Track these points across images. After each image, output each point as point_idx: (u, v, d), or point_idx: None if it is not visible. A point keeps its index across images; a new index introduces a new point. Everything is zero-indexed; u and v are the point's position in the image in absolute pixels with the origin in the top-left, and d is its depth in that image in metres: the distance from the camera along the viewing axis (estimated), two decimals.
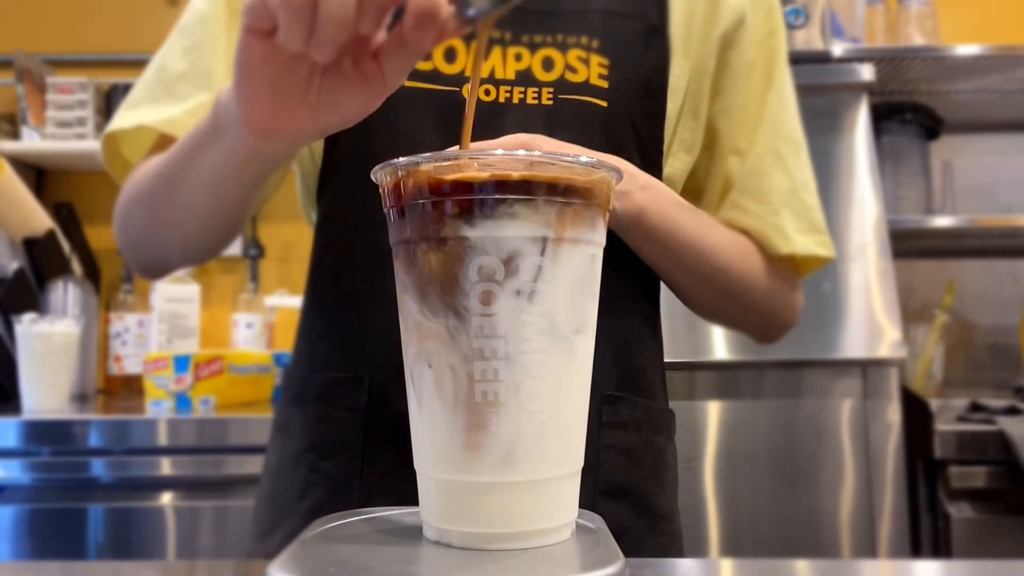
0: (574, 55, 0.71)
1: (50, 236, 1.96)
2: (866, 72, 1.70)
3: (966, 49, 1.81)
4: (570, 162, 0.40)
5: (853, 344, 1.56)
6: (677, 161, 0.77)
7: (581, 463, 0.44)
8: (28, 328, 1.64)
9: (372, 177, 0.44)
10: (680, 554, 0.77)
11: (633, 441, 0.72)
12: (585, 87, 0.70)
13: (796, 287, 0.82)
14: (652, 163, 0.73)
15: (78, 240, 2.14)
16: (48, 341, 1.65)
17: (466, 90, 0.70)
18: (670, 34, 0.75)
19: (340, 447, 0.69)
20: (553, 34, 0.72)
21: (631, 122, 0.72)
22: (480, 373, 0.40)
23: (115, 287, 2.13)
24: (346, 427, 0.69)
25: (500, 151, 0.40)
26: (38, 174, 2.23)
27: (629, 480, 0.71)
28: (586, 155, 0.50)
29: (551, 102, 0.70)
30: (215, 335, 2.21)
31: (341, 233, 0.72)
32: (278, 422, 0.77)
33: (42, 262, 1.94)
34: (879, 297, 1.58)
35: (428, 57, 0.71)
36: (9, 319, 1.75)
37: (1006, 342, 2.11)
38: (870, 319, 1.57)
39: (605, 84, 0.71)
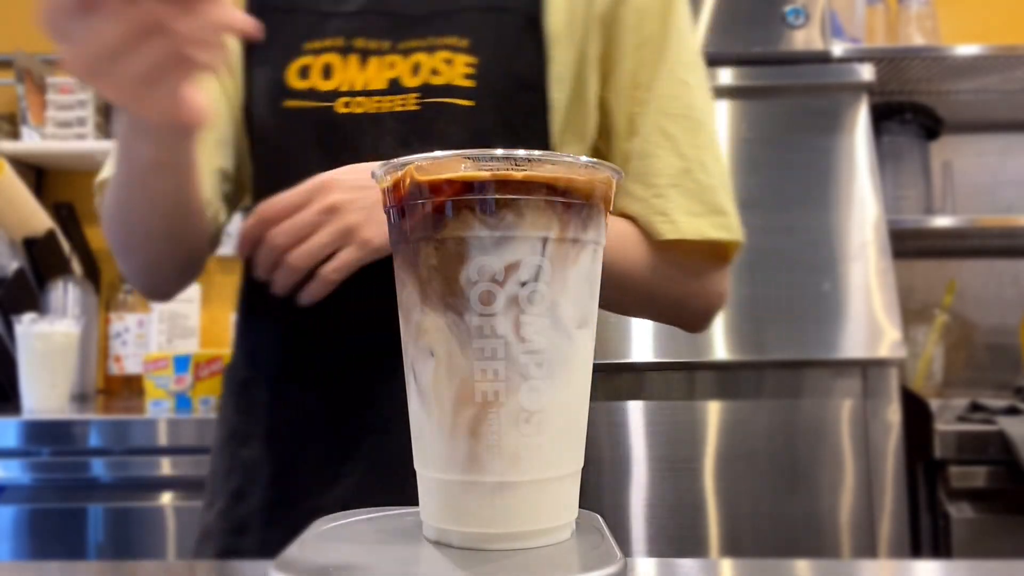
0: (440, 57, 0.72)
1: (50, 236, 1.96)
2: (866, 72, 1.70)
3: (966, 49, 1.81)
4: (570, 162, 0.40)
5: (853, 344, 1.56)
6: (570, 149, 0.76)
7: (581, 463, 0.44)
8: (28, 328, 1.64)
9: (371, 178, 0.44)
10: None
11: None
12: (448, 89, 0.71)
13: (702, 273, 0.77)
14: None
15: (78, 240, 2.14)
16: (48, 341, 1.65)
17: (340, 104, 0.72)
18: (548, 23, 0.74)
19: (250, 438, 0.76)
20: (424, 37, 0.73)
21: (504, 119, 0.71)
22: (480, 373, 0.39)
23: (115, 287, 2.13)
24: (252, 420, 0.76)
25: (500, 151, 0.40)
26: (38, 174, 2.23)
27: None
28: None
29: (417, 107, 0.71)
30: (215, 335, 2.20)
31: None
32: (218, 412, 0.84)
33: (42, 262, 1.94)
34: (879, 297, 1.58)
35: (305, 76, 0.73)
36: (9, 319, 1.75)
37: (1006, 342, 2.11)
38: (870, 319, 1.57)
39: (472, 83, 0.71)
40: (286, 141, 0.74)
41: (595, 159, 0.42)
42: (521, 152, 0.40)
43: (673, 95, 0.75)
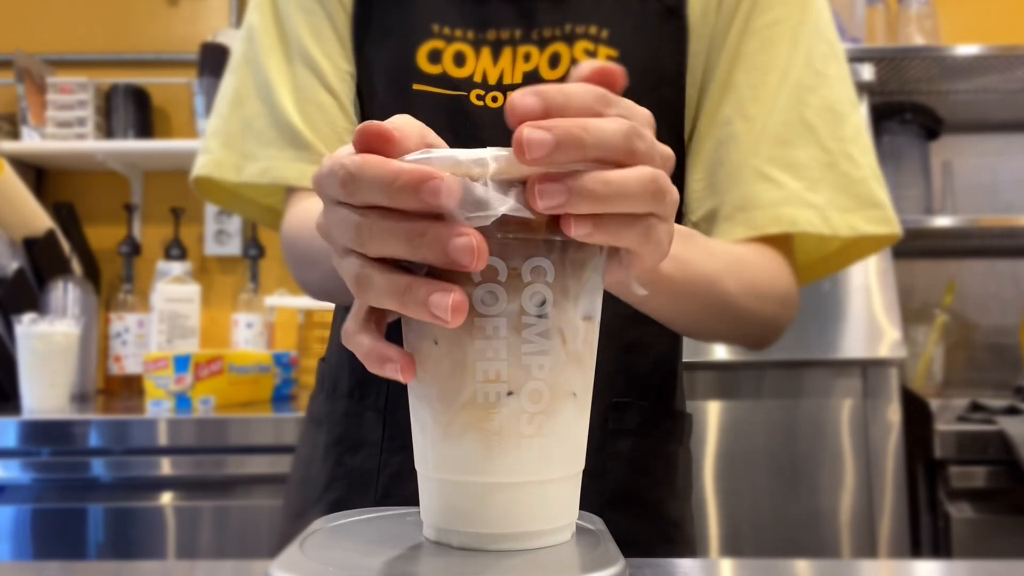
0: (581, 48, 0.68)
1: (50, 236, 1.96)
2: (866, 72, 1.70)
3: (966, 49, 1.81)
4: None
5: (853, 344, 1.56)
6: (694, 148, 0.72)
7: (582, 465, 0.44)
8: (28, 328, 1.64)
9: None
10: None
11: (641, 448, 0.70)
12: None
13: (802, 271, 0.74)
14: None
15: (78, 240, 2.14)
16: (48, 341, 1.65)
17: (474, 95, 0.68)
18: (689, 11, 0.70)
19: (362, 444, 0.72)
20: (562, 25, 0.69)
21: None
22: (482, 374, 0.39)
23: (115, 287, 2.13)
24: (368, 425, 0.72)
25: (501, 151, 0.40)
26: (38, 174, 2.23)
27: (637, 488, 0.70)
28: None
29: None
30: (215, 335, 2.20)
31: None
32: (312, 412, 0.79)
33: (42, 262, 1.93)
34: (879, 297, 1.58)
35: (436, 60, 0.69)
36: (9, 319, 1.75)
37: (1006, 342, 2.11)
38: (870, 319, 1.57)
39: None
40: None
41: None
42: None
43: (810, 87, 0.70)
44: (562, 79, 0.67)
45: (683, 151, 0.71)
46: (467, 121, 0.68)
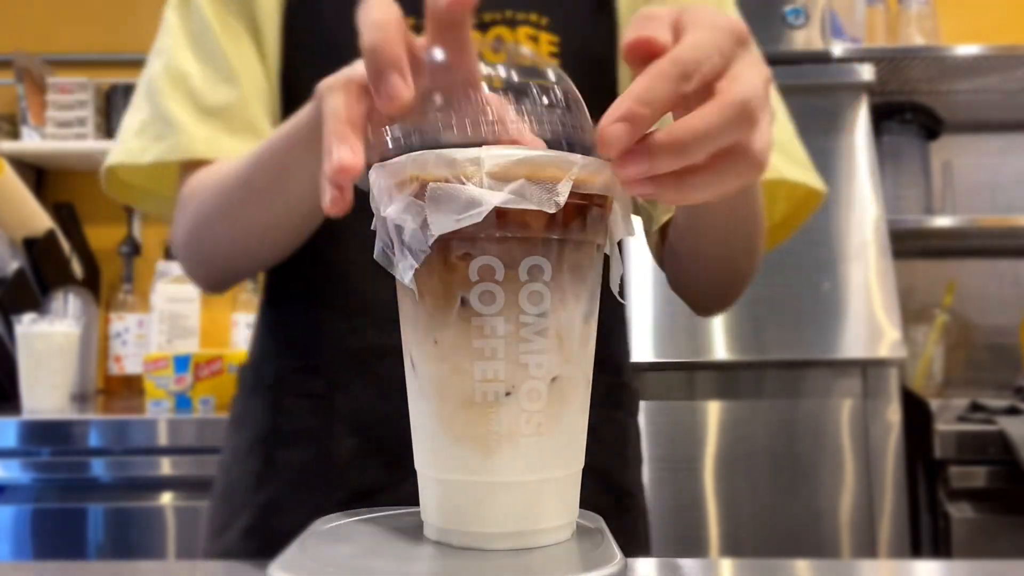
0: (523, 33, 0.69)
1: (50, 236, 1.96)
2: (866, 72, 1.70)
3: (966, 49, 1.81)
4: (571, 161, 0.40)
5: (853, 344, 1.56)
6: None
7: (582, 463, 0.44)
8: (28, 328, 1.64)
9: (370, 178, 0.44)
10: (647, 528, 0.78)
11: (593, 418, 0.71)
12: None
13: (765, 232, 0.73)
14: None
15: (78, 240, 2.14)
16: (48, 341, 1.65)
17: None
18: (617, 3, 0.72)
19: (297, 436, 0.68)
20: (503, 11, 0.70)
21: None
22: (480, 373, 0.39)
23: (115, 287, 2.13)
24: (303, 415, 0.68)
25: (497, 149, 0.40)
26: (38, 174, 2.23)
27: (591, 457, 0.70)
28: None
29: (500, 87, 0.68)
30: (215, 335, 2.20)
31: None
32: (232, 416, 0.76)
33: (42, 262, 1.93)
34: (879, 297, 1.58)
35: None
36: (9, 319, 1.75)
37: (1006, 342, 2.11)
38: (870, 319, 1.57)
39: (556, 63, 0.68)
40: None
41: (594, 158, 0.41)
42: (518, 150, 0.40)
43: None
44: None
45: None
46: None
